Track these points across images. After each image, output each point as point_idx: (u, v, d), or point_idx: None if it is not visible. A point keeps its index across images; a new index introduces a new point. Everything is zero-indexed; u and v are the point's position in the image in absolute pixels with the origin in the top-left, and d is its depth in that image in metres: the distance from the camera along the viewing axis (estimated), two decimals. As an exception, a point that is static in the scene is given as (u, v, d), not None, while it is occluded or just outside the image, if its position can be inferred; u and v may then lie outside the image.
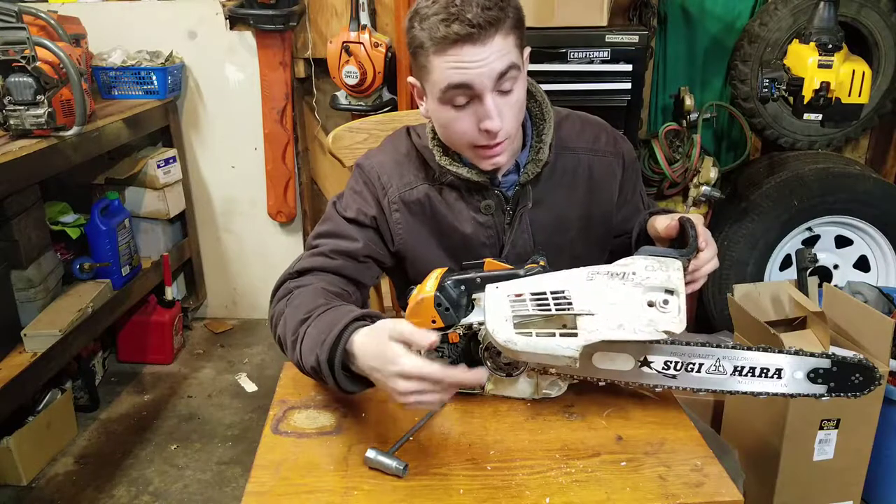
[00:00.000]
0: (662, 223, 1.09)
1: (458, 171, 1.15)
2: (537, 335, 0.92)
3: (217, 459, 2.24)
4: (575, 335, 0.91)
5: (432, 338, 0.87)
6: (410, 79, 1.13)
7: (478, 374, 0.89)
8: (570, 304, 0.92)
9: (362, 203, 1.19)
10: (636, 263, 0.94)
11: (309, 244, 1.21)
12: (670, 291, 0.91)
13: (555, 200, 1.20)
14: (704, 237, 1.03)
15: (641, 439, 1.00)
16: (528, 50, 1.11)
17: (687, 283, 1.00)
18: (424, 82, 1.09)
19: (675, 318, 0.90)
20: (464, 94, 1.04)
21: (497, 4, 1.01)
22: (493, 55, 1.01)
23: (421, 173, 1.19)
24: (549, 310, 0.92)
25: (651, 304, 0.91)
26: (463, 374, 0.88)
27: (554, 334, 0.91)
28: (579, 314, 0.92)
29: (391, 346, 0.88)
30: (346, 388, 0.96)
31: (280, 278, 1.16)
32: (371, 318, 0.97)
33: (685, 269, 0.96)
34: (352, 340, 0.93)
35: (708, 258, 1.04)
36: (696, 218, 1.06)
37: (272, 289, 1.16)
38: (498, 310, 0.93)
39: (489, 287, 0.95)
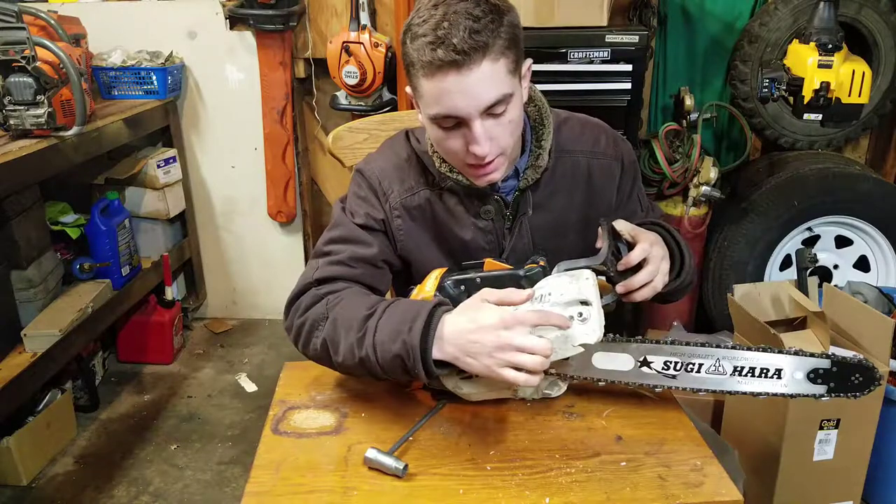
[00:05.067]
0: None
1: (457, 178, 1.14)
2: (475, 377, 1.00)
3: (217, 459, 2.24)
4: None
5: (523, 294, 0.96)
6: (407, 88, 1.12)
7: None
8: None
9: (369, 208, 1.18)
10: (549, 283, 0.98)
11: (320, 250, 1.17)
12: (585, 303, 0.94)
13: (554, 205, 1.20)
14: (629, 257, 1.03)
15: (641, 439, 1.00)
16: (528, 62, 1.09)
17: (624, 296, 1.03)
18: (417, 99, 1.08)
19: (588, 329, 0.93)
20: (451, 120, 1.03)
21: (487, 27, 0.97)
22: (480, 82, 0.98)
23: (422, 178, 1.19)
24: None
25: (572, 318, 0.94)
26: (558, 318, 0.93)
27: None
28: None
29: (486, 307, 0.94)
30: (432, 370, 0.96)
31: (297, 289, 1.12)
32: (449, 307, 0.99)
33: (602, 272, 1.02)
34: (443, 320, 0.96)
35: (642, 279, 1.02)
36: (645, 238, 1.05)
37: (288, 299, 1.12)
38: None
39: None
